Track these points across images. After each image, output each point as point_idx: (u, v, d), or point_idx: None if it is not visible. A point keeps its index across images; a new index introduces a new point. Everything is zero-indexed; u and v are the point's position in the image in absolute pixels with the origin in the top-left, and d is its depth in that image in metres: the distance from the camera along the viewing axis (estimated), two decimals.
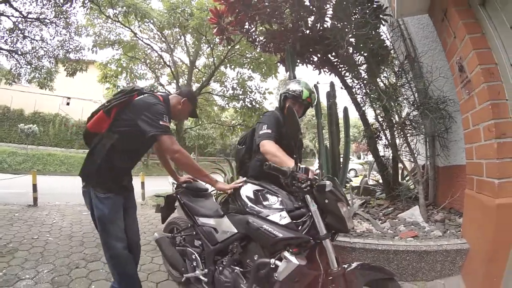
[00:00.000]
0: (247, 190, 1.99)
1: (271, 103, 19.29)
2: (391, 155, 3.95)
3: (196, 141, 23.52)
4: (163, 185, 5.29)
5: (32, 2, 7.78)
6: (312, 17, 4.46)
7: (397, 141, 3.81)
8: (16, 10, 7.81)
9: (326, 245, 1.67)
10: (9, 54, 8.49)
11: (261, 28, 5.43)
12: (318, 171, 1.89)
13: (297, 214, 1.78)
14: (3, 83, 9.34)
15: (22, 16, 7.96)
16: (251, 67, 9.85)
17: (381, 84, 3.59)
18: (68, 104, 22.21)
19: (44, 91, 9.82)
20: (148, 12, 8.22)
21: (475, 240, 2.41)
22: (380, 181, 4.61)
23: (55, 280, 2.89)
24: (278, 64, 8.49)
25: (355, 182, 7.18)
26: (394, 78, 3.61)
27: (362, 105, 3.92)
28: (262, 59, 9.33)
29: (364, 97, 3.87)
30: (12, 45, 8.40)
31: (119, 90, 2.25)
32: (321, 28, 4.43)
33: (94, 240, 4.17)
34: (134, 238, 2.24)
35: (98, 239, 3.93)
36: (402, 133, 3.43)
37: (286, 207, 1.80)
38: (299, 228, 1.73)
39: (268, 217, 1.78)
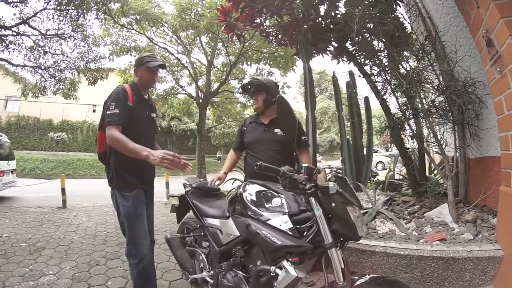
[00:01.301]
0: (250, 191, 1.90)
1: (294, 97, 19.09)
2: (417, 146, 3.70)
3: (221, 139, 24.13)
4: None
5: (49, 20, 8.46)
6: (324, 5, 4.32)
7: (423, 131, 3.56)
8: (35, 29, 8.51)
9: (331, 256, 1.52)
10: (33, 70, 9.24)
11: (272, 21, 5.36)
12: (335, 169, 1.80)
13: (302, 218, 1.66)
14: (30, 96, 10.05)
15: (41, 34, 8.66)
16: (269, 62, 9.79)
17: (402, 70, 3.37)
18: (94, 111, 23.53)
19: (69, 101, 10.53)
20: (160, 17, 8.43)
21: (510, 246, 2.17)
22: (406, 175, 4.36)
23: (75, 276, 3.16)
24: (296, 57, 8.35)
25: (383, 175, 6.87)
26: (416, 61, 3.36)
27: (382, 93, 3.71)
28: (278, 53, 9.22)
29: (384, 84, 3.65)
30: (35, 61, 9.13)
31: None
32: (333, 14, 4.27)
33: (116, 239, 4.50)
34: (150, 234, 2.35)
35: (120, 237, 4.39)
36: (427, 121, 3.19)
37: (290, 210, 1.69)
38: (304, 233, 1.61)
39: (268, 221, 1.69)
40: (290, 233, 1.60)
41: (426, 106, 3.19)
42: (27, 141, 21.54)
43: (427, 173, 4.27)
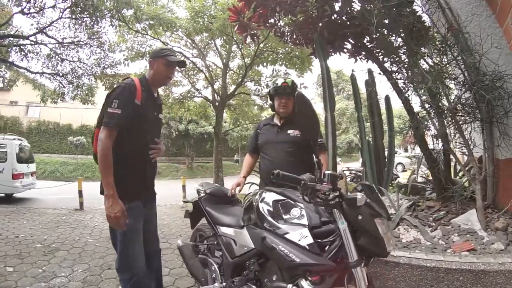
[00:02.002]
0: (267, 200, 1.77)
1: (312, 99, 18.96)
2: (442, 147, 3.53)
3: (239, 142, 24.27)
4: None
5: (65, 28, 8.93)
6: (339, 2, 4.24)
7: (448, 130, 3.40)
8: (52, 38, 8.97)
9: (356, 274, 1.39)
10: (51, 77, 9.71)
11: (287, 20, 5.32)
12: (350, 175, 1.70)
13: (324, 231, 1.53)
14: (49, 102, 10.54)
15: (58, 42, 9.11)
16: (285, 62, 9.74)
17: (424, 65, 3.24)
18: None
19: (88, 106, 10.96)
20: (173, 21, 8.58)
21: None
22: (430, 177, 4.17)
23: (86, 279, 3.20)
24: (312, 57, 8.27)
25: (403, 177, 6.61)
26: (438, 56, 3.22)
27: (404, 91, 3.58)
28: (294, 53, 9.16)
29: (406, 81, 3.52)
30: (53, 69, 9.58)
31: None
32: (349, 10, 4.19)
33: None
34: (154, 245, 2.30)
35: None
36: (453, 120, 3.04)
37: (310, 222, 1.55)
38: (326, 248, 1.48)
39: (286, 235, 1.56)
40: (310, 249, 1.47)
41: (452, 104, 3.04)
42: (48, 144, 22.56)
43: (452, 176, 4.06)
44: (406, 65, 3.69)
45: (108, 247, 4.28)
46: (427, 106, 3.36)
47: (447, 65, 3.16)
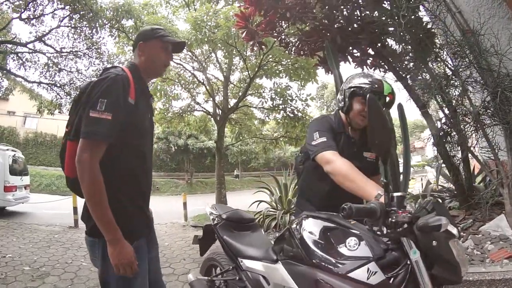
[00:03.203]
0: (312, 229, 1.47)
1: (310, 112, 18.97)
2: (462, 154, 3.39)
3: (239, 157, 24.09)
4: (209, 203, 5.32)
5: (64, 38, 8.90)
6: (348, 8, 4.21)
7: (469, 135, 3.27)
8: (51, 46, 8.95)
9: None
10: (49, 87, 9.57)
11: (292, 31, 5.28)
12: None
13: (388, 261, 1.26)
14: (46, 113, 10.38)
15: (56, 51, 9.07)
16: (289, 74, 9.71)
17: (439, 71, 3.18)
18: None
19: None
20: (174, 31, 8.59)
21: None
22: (448, 185, 4.01)
23: None
24: (318, 67, 8.22)
25: (410, 186, 6.40)
26: (453, 60, 3.15)
27: (422, 97, 3.48)
28: (299, 64, 9.14)
29: (424, 88, 3.41)
30: (50, 79, 9.46)
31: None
32: (361, 15, 4.15)
33: None
34: (157, 276, 1.82)
35: None
36: (477, 124, 2.93)
37: (374, 253, 1.26)
38: (391, 281, 1.23)
39: (350, 274, 1.26)
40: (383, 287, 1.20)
41: (476, 108, 2.93)
42: (44, 157, 22.26)
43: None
44: (420, 70, 3.61)
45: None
46: (449, 111, 3.25)
47: (466, 68, 3.07)
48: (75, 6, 7.56)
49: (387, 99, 1.72)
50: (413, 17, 3.45)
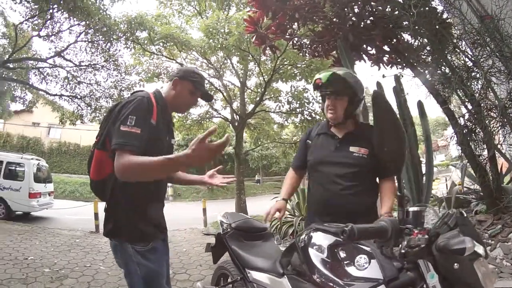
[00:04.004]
0: (319, 244, 1.34)
1: None
2: (489, 152, 3.12)
3: (260, 162, 24.03)
4: (228, 209, 5.29)
5: (82, 52, 9.36)
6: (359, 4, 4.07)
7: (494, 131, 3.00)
8: (70, 61, 9.40)
9: None
10: (70, 99, 10.01)
11: (304, 32, 5.18)
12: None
13: (402, 283, 1.11)
14: (68, 124, 10.81)
15: (75, 65, 9.51)
16: (304, 76, 9.56)
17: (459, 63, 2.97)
18: None
19: None
20: (187, 40, 8.69)
21: None
22: (474, 187, 3.73)
23: None
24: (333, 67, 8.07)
25: (433, 187, 6.04)
26: (473, 50, 2.92)
27: (442, 93, 3.26)
28: (314, 65, 8.99)
29: (443, 82, 3.20)
30: (71, 91, 9.89)
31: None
32: (375, 11, 3.99)
33: None
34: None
35: None
36: (504, 119, 2.69)
37: (385, 274, 1.12)
38: None
39: None
40: None
41: (503, 101, 2.70)
42: (68, 165, 23.17)
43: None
44: (441, 64, 3.41)
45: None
46: (469, 107, 3.02)
47: (488, 58, 2.84)
48: (89, 22, 7.87)
49: (318, 84, 1.76)
50: (426, 8, 3.28)
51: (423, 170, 4.38)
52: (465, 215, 1.15)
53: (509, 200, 2.81)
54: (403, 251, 1.04)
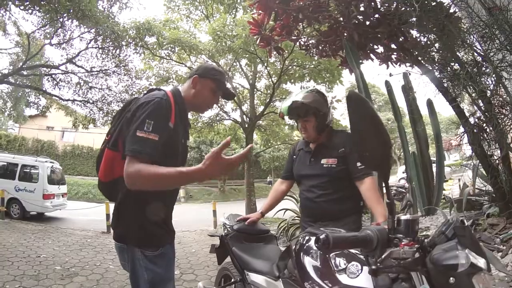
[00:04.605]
0: (310, 247, 1.30)
1: (341, 114, 18.46)
2: (501, 152, 2.96)
3: (271, 163, 24.06)
4: (239, 210, 5.27)
5: (93, 58, 9.58)
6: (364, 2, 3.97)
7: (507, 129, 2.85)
8: (81, 67, 9.65)
9: None
10: (82, 104, 10.26)
11: (310, 32, 5.11)
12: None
13: None
14: (80, 128, 11.14)
15: (87, 71, 9.74)
16: (313, 77, 9.47)
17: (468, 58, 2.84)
18: None
19: None
20: (195, 44, 8.74)
21: None
22: (486, 188, 3.56)
23: None
24: (341, 67, 7.95)
25: (446, 188, 5.79)
26: (482, 44, 2.79)
27: (452, 91, 3.13)
28: (322, 66, 8.90)
29: (452, 79, 3.07)
30: (83, 96, 10.14)
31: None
32: (380, 8, 3.89)
33: None
34: None
35: None
36: None
37: (377, 283, 1.07)
38: None
39: None
40: None
41: None
42: (82, 167, 23.72)
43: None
44: (449, 61, 3.28)
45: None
46: (481, 105, 2.88)
47: (498, 52, 2.70)
48: (98, 29, 8.01)
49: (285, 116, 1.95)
50: (433, 3, 3.17)
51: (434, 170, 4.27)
52: (466, 223, 1.02)
53: None
54: (394, 261, 0.92)
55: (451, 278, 0.88)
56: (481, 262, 0.88)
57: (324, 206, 1.87)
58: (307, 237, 1.37)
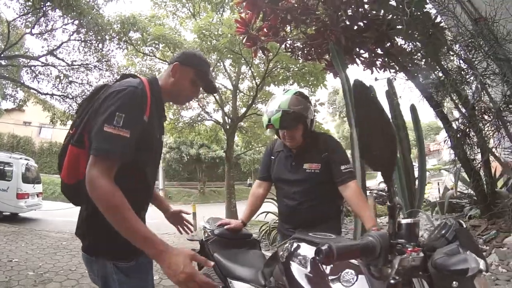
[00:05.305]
0: (299, 254, 1.23)
1: (323, 118, 18.71)
2: (483, 156, 3.05)
3: (252, 165, 23.91)
4: (219, 212, 5.11)
5: (75, 51, 9.19)
6: (352, 7, 3.99)
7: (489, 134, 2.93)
8: (62, 60, 9.22)
9: None
10: (61, 99, 9.78)
11: (296, 35, 5.09)
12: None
13: None
14: (59, 124, 10.57)
15: (68, 64, 9.32)
16: (297, 80, 9.49)
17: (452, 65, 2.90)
18: None
19: None
20: (180, 41, 8.57)
21: None
22: (467, 191, 3.66)
23: None
24: (326, 71, 8.00)
25: (426, 192, 5.95)
26: (467, 53, 2.86)
27: (436, 96, 3.18)
28: (307, 69, 8.93)
29: (437, 85, 3.12)
30: (63, 91, 9.67)
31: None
32: (368, 14, 3.91)
33: None
34: None
35: None
36: (498, 122, 2.61)
37: None
38: None
39: None
40: None
41: (498, 103, 2.61)
42: None
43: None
44: (434, 68, 3.34)
45: None
46: (463, 110, 2.94)
47: (482, 60, 2.77)
48: (81, 21, 7.70)
49: (273, 127, 1.77)
50: (419, 13, 3.22)
51: (415, 174, 4.34)
52: (464, 225, 1.00)
53: (504, 205, 2.72)
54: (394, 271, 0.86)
55: (454, 282, 0.84)
56: (481, 263, 0.85)
57: (306, 213, 1.79)
58: (295, 244, 1.28)
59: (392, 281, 0.88)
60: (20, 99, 11.03)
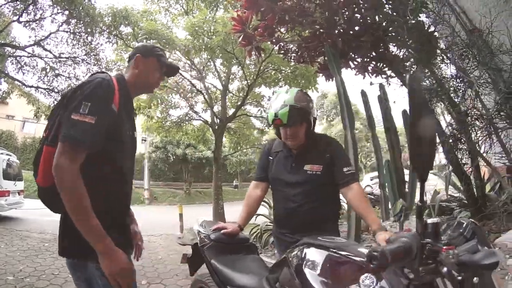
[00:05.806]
0: (312, 259, 1.19)
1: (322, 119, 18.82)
2: (473, 161, 3.15)
3: (238, 167, 23.79)
4: (205, 213, 4.96)
5: (63, 43, 8.80)
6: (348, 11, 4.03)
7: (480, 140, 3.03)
8: (49, 51, 8.81)
9: None
10: (46, 92, 9.29)
11: (291, 37, 5.10)
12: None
13: None
14: (43, 118, 9.88)
15: (55, 56, 8.93)
16: (288, 82, 9.49)
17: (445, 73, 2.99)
18: None
19: None
20: (171, 38, 8.44)
21: None
22: (458, 194, 3.76)
23: None
24: (318, 74, 8.04)
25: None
26: (460, 62, 2.95)
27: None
28: (299, 71, 8.95)
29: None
30: (48, 84, 9.22)
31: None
32: (362, 18, 3.96)
33: None
34: None
35: None
36: (490, 128, 2.69)
37: None
38: None
39: None
40: None
41: (490, 110, 2.69)
42: None
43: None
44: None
45: None
46: (457, 116, 3.02)
47: (475, 69, 2.86)
48: (72, 11, 7.45)
49: (277, 124, 1.71)
50: (413, 21, 3.29)
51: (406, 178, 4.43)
52: (478, 224, 1.03)
53: (494, 208, 2.81)
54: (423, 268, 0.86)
55: (475, 278, 0.85)
56: (496, 257, 0.85)
57: (304, 215, 1.72)
58: (305, 249, 1.25)
59: (415, 283, 0.89)
60: (3, 91, 10.40)
